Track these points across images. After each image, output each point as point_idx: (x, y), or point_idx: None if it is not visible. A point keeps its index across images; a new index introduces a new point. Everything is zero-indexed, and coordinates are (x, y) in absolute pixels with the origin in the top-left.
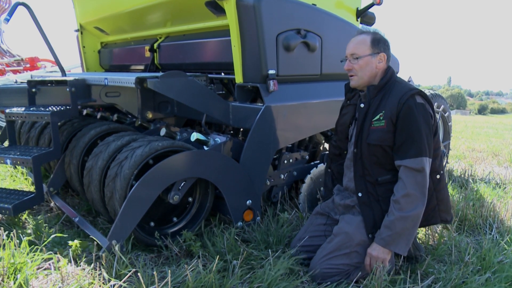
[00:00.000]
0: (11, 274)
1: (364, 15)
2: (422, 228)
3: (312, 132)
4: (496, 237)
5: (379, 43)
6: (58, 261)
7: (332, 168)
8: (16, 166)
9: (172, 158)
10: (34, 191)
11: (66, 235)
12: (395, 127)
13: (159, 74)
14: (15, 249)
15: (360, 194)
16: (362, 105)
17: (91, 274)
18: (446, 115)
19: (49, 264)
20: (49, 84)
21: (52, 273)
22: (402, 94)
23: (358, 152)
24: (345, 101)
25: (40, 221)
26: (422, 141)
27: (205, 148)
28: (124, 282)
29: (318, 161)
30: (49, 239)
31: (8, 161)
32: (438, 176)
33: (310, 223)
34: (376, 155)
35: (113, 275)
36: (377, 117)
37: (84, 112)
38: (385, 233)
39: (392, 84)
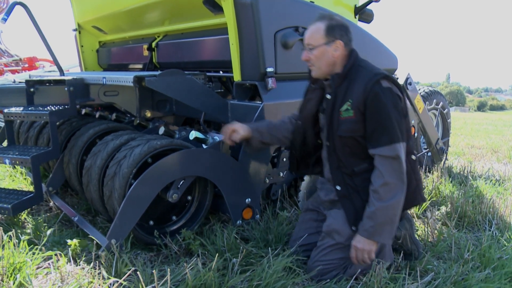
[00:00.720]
0: (11, 274)
1: (362, 12)
2: (421, 225)
3: None
4: (495, 233)
5: (334, 30)
6: (58, 260)
7: (295, 153)
8: (15, 166)
9: (170, 156)
10: (33, 190)
11: (66, 235)
12: (364, 116)
13: (157, 72)
14: (15, 249)
15: (338, 188)
16: (328, 96)
17: (91, 273)
18: (445, 112)
19: (49, 263)
20: (47, 84)
21: (52, 273)
22: (367, 80)
23: (331, 145)
24: (309, 85)
25: (39, 221)
26: (393, 128)
27: (204, 146)
28: (123, 280)
29: None
30: (47, 238)
31: (7, 161)
32: (413, 157)
33: (302, 221)
34: (349, 146)
35: (113, 274)
36: (345, 107)
37: (83, 111)
38: (367, 224)
39: (356, 70)
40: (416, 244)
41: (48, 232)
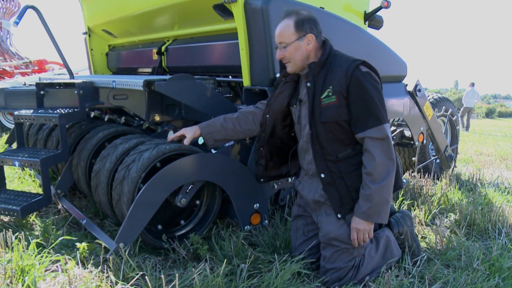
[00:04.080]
0: (19, 276)
1: (372, 18)
2: (430, 233)
3: None
4: (505, 242)
5: (304, 25)
6: (66, 263)
7: (263, 150)
8: (24, 168)
9: (179, 161)
10: (42, 193)
11: (74, 238)
12: (347, 101)
13: (167, 77)
14: (23, 251)
15: (322, 175)
16: (309, 84)
17: (99, 277)
18: (454, 118)
19: (57, 266)
20: (57, 87)
21: (60, 275)
22: (346, 66)
23: (313, 133)
24: (280, 77)
25: (47, 223)
26: (378, 109)
27: (213, 151)
28: (131, 285)
29: None
30: (57, 241)
31: (17, 163)
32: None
33: (295, 229)
34: (332, 132)
35: (121, 278)
36: (325, 94)
37: (92, 114)
38: (364, 206)
39: (333, 58)
40: (415, 241)
41: (57, 235)
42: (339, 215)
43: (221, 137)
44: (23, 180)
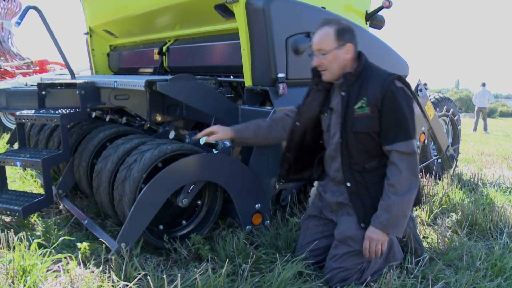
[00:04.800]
0: (21, 276)
1: (373, 18)
2: (432, 233)
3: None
4: (507, 242)
5: (344, 34)
6: (67, 263)
7: (290, 155)
8: (26, 168)
9: (181, 161)
10: (43, 193)
11: (75, 238)
12: (380, 113)
13: (169, 77)
14: (25, 251)
15: (348, 184)
16: (343, 93)
17: (100, 277)
18: (455, 118)
19: (58, 266)
20: (58, 87)
21: (61, 276)
22: (382, 79)
23: (343, 142)
24: (311, 85)
25: (49, 223)
26: (408, 124)
27: (214, 151)
28: (133, 285)
29: None
30: (58, 242)
31: (18, 163)
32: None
33: (306, 228)
34: (362, 143)
35: (122, 278)
36: (359, 104)
37: (93, 114)
38: (383, 216)
39: (368, 70)
40: (419, 243)
41: (58, 235)
42: (362, 225)
43: (251, 142)
44: (24, 180)
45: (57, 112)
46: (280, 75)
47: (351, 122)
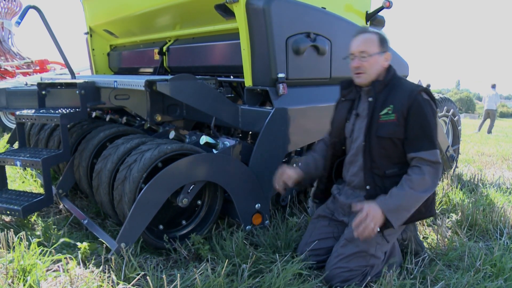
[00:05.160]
0: (21, 276)
1: (374, 19)
2: (432, 234)
3: (322, 136)
4: (507, 242)
5: (385, 43)
6: (67, 263)
7: (325, 173)
8: (26, 168)
9: (181, 161)
10: (43, 193)
11: (75, 237)
12: (405, 121)
13: (169, 77)
14: (25, 251)
15: (368, 187)
16: (370, 99)
17: (100, 277)
18: (455, 119)
19: (58, 266)
20: (58, 87)
21: (61, 275)
22: (410, 90)
23: (366, 145)
24: (340, 98)
25: (49, 223)
26: (433, 135)
27: (214, 151)
28: (132, 285)
29: None
30: (59, 242)
31: (18, 163)
32: None
33: (314, 227)
34: (385, 148)
35: (122, 278)
36: (385, 111)
37: (93, 114)
38: (391, 200)
39: (397, 81)
40: (420, 245)
41: (58, 234)
42: (378, 229)
43: (315, 176)
44: (24, 180)
45: (57, 112)
46: (280, 75)
47: (376, 127)
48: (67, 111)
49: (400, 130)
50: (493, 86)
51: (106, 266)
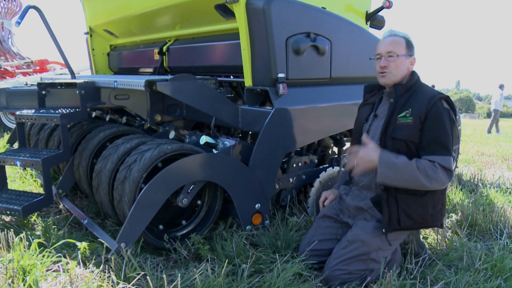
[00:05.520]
0: (21, 276)
1: (374, 19)
2: (432, 234)
3: (321, 136)
4: (507, 242)
5: (412, 47)
6: (67, 263)
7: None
8: (26, 168)
9: (181, 161)
10: (43, 193)
11: (75, 238)
12: (422, 125)
13: (169, 77)
14: (25, 251)
15: (374, 187)
16: (391, 100)
17: (100, 277)
18: (455, 119)
19: (58, 266)
20: (58, 87)
21: (61, 275)
22: (431, 96)
23: (381, 145)
24: (363, 101)
25: (49, 223)
26: (449, 142)
27: (214, 151)
28: (132, 285)
29: (327, 165)
30: (59, 243)
31: (18, 163)
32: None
33: (318, 226)
34: (398, 150)
35: (122, 278)
36: (403, 114)
37: (93, 114)
38: (392, 161)
39: (418, 86)
40: (421, 247)
41: (58, 234)
42: (384, 230)
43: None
44: (24, 180)
45: (57, 111)
46: (280, 75)
47: (392, 128)
48: (67, 111)
49: (416, 134)
50: (501, 87)
51: (106, 266)
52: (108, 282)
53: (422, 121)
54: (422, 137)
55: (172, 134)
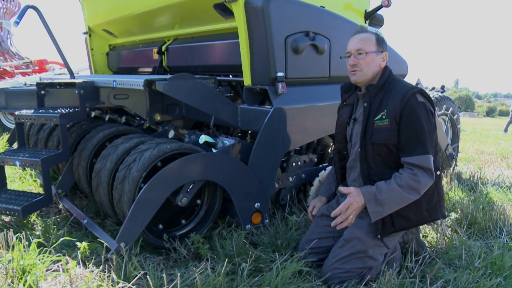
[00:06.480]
0: (20, 276)
1: (373, 17)
2: (432, 232)
3: (321, 135)
4: (506, 241)
5: (382, 43)
6: (67, 263)
7: (336, 170)
8: (25, 168)
9: (180, 160)
10: (43, 193)
11: (75, 237)
12: (398, 126)
13: (168, 76)
14: (24, 251)
15: None
16: (365, 104)
17: (100, 276)
18: (454, 117)
19: (58, 266)
20: (58, 87)
21: (61, 275)
22: (403, 93)
23: (362, 152)
24: (341, 102)
25: (48, 223)
26: (426, 139)
27: (214, 150)
28: (132, 284)
29: (327, 164)
30: (58, 242)
31: (17, 163)
32: (438, 172)
33: (316, 225)
34: (380, 154)
35: (122, 277)
36: (379, 116)
37: (93, 114)
38: (375, 192)
39: (391, 83)
40: (421, 246)
41: (57, 234)
42: (379, 236)
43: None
44: (24, 180)
45: (56, 111)
46: (279, 74)
47: (370, 133)
48: (66, 111)
49: (394, 136)
50: None
51: (106, 265)
52: (108, 282)
53: (397, 121)
54: (400, 138)
55: (171, 134)
